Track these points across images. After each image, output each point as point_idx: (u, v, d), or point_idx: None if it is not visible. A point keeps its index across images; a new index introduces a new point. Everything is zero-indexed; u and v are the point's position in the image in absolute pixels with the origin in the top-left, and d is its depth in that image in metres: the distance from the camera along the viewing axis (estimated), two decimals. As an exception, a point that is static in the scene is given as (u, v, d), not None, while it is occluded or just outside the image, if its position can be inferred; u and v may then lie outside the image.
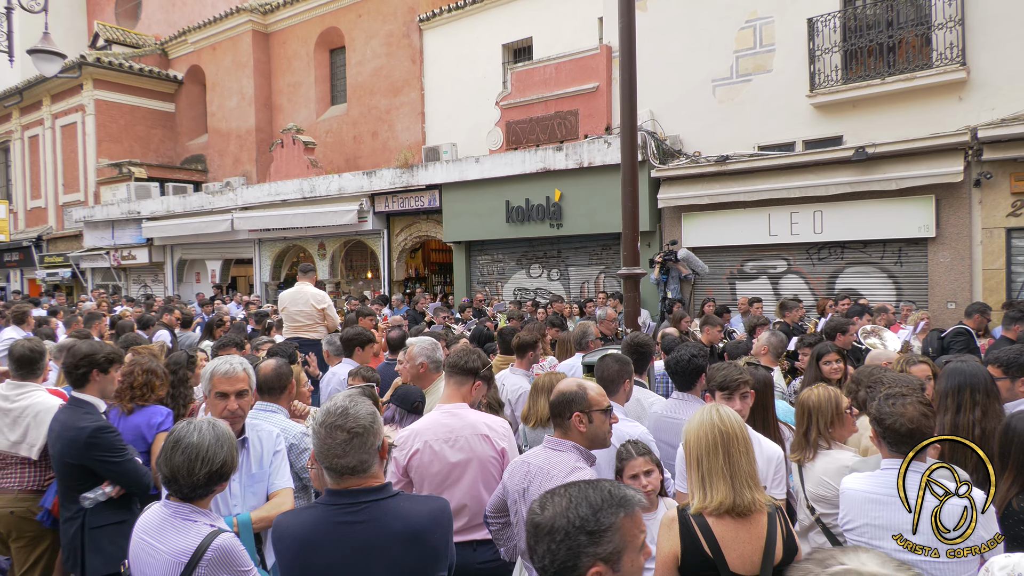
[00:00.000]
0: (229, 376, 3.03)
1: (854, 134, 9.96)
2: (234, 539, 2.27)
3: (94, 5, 26.42)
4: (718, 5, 11.17)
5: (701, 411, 2.53)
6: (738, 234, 10.91)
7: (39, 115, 23.15)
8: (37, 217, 24.05)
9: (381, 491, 2.11)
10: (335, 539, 2.04)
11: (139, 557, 2.26)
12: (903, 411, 2.46)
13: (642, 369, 4.42)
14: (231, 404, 3.01)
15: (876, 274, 10.04)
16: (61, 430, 3.29)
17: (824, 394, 3.21)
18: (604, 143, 11.52)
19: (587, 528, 1.48)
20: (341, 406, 2.11)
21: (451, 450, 3.11)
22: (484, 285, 14.19)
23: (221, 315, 9.31)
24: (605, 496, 1.55)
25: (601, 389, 2.78)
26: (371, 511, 2.06)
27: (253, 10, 19.84)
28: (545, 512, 1.54)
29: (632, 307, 6.18)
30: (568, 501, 1.54)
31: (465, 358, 3.35)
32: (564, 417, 2.68)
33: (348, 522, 2.05)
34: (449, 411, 3.24)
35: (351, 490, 2.08)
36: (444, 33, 16.50)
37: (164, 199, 19.32)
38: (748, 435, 2.51)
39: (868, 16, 9.91)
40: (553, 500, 1.56)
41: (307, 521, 2.08)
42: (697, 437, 2.44)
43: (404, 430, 3.28)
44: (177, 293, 19.30)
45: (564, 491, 1.59)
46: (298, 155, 17.35)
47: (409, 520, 2.10)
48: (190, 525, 2.22)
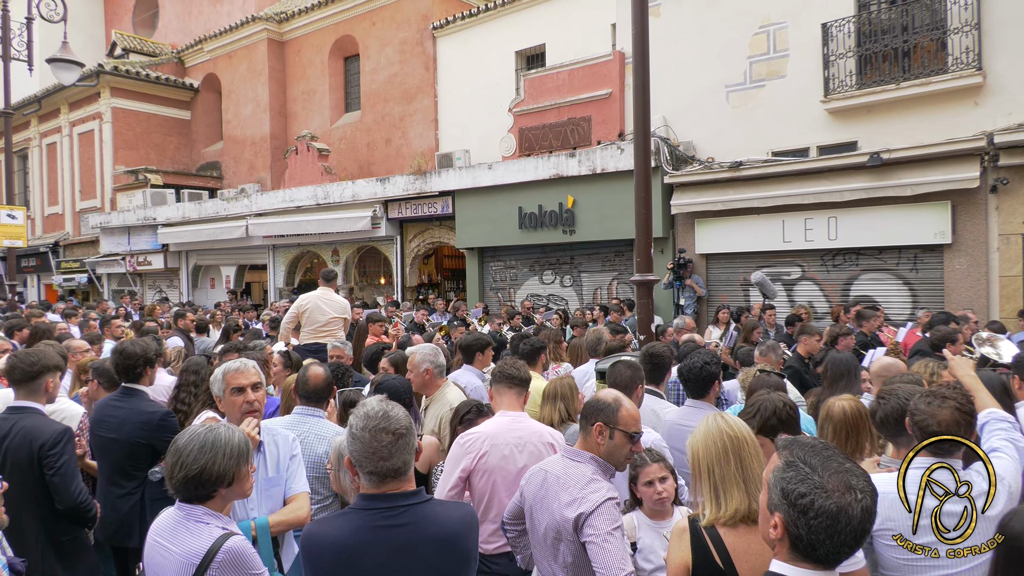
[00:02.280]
0: (241, 371, 3.08)
1: (869, 139, 9.90)
2: (245, 542, 2.28)
3: (112, 15, 26.78)
4: (731, 11, 11.16)
5: (705, 421, 2.49)
6: (752, 240, 10.86)
7: (57, 123, 23.46)
8: (54, 223, 24.35)
9: (417, 495, 2.13)
10: (376, 543, 2.04)
11: (153, 559, 2.28)
12: (935, 412, 2.42)
13: (659, 380, 4.34)
14: (249, 395, 3.04)
15: (891, 281, 9.96)
16: (128, 415, 3.78)
17: (854, 405, 3.15)
18: (617, 149, 11.51)
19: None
20: (379, 409, 2.14)
21: (520, 455, 3.13)
22: (497, 291, 14.20)
23: (237, 320, 9.38)
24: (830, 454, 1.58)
25: (636, 413, 2.70)
26: (409, 515, 2.08)
27: (268, 19, 20.04)
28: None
29: (645, 314, 6.16)
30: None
31: (519, 368, 3.41)
32: (589, 422, 2.65)
33: (388, 526, 2.05)
34: (514, 417, 3.28)
35: (389, 494, 2.09)
36: (457, 40, 16.58)
37: (180, 205, 19.51)
38: (756, 440, 2.48)
39: (883, 21, 9.86)
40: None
41: (346, 528, 2.08)
42: (706, 446, 2.40)
43: (471, 433, 3.25)
44: (191, 299, 19.47)
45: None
46: (312, 162, 17.47)
47: (445, 524, 2.12)
48: (202, 527, 2.24)
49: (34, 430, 3.31)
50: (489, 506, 3.16)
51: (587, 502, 2.46)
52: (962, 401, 2.47)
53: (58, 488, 3.28)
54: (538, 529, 2.65)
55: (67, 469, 3.30)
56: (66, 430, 3.39)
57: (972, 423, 2.48)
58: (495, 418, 3.34)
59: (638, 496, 3.02)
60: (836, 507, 1.49)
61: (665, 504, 2.97)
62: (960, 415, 2.43)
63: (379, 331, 8.02)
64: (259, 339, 7.25)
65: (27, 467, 3.25)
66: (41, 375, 3.51)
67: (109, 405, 3.88)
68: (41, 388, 3.53)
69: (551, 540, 2.57)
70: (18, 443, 3.29)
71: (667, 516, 2.98)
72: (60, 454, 3.28)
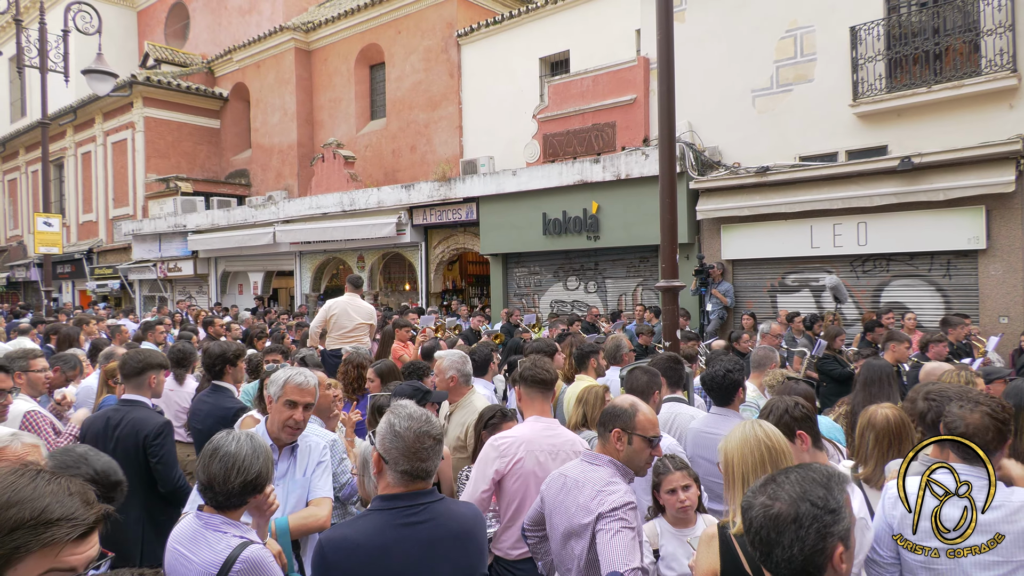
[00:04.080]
0: (302, 387, 3.06)
1: (899, 144, 9.74)
2: (263, 550, 2.28)
3: (145, 27, 27.37)
4: (757, 15, 11.06)
5: (742, 428, 2.45)
6: (779, 246, 10.73)
7: (92, 132, 24.01)
8: (89, 230, 24.90)
9: (434, 494, 2.20)
10: (401, 541, 2.09)
11: (173, 567, 2.28)
12: (965, 415, 2.40)
13: (677, 383, 4.33)
14: (297, 415, 3.03)
15: (923, 287, 9.76)
16: (212, 409, 4.28)
17: (896, 413, 3.08)
18: (642, 155, 11.46)
19: (830, 507, 1.46)
20: (421, 412, 2.21)
21: (553, 463, 3.08)
22: (521, 297, 14.19)
23: (262, 327, 9.49)
24: (824, 474, 1.52)
25: (653, 417, 2.69)
26: (429, 511, 2.14)
27: (296, 28, 20.32)
28: (779, 502, 1.49)
29: (670, 320, 6.11)
30: (799, 486, 1.49)
31: (544, 372, 3.36)
32: (606, 429, 2.65)
33: (411, 523, 2.11)
34: (547, 424, 3.25)
35: (410, 493, 2.15)
36: (482, 47, 16.66)
37: (209, 213, 19.83)
38: (791, 450, 2.45)
39: (913, 23, 9.70)
40: (781, 488, 1.51)
41: (370, 528, 2.11)
42: (742, 455, 2.37)
43: (506, 436, 3.23)
44: (219, 302, 19.74)
45: (783, 478, 1.53)
46: (338, 169, 17.65)
47: (461, 520, 2.20)
48: (220, 536, 2.24)
49: (140, 421, 3.68)
50: (519, 511, 3.13)
51: (605, 504, 2.46)
52: (996, 409, 2.43)
53: (161, 474, 3.62)
54: (557, 533, 2.65)
55: (169, 457, 3.66)
56: (167, 423, 3.76)
57: (1004, 432, 2.43)
58: (528, 423, 3.30)
59: (661, 503, 2.99)
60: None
61: (688, 512, 2.94)
62: (991, 421, 2.40)
63: (405, 337, 8.06)
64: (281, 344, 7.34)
65: (133, 454, 3.56)
66: (145, 372, 3.91)
67: (200, 400, 4.49)
68: (146, 383, 3.91)
69: (570, 543, 2.57)
70: (127, 432, 3.65)
71: (690, 524, 2.95)
72: (162, 444, 3.64)
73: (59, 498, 1.34)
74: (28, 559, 1.29)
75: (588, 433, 3.84)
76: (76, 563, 1.34)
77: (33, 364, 4.36)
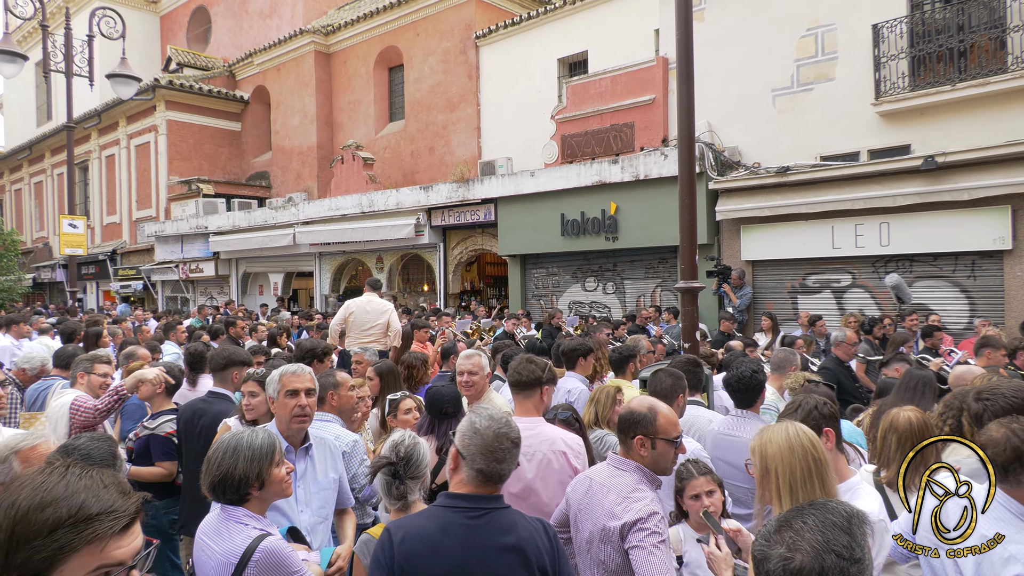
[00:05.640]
0: (297, 374, 3.11)
1: (922, 143, 9.60)
2: (280, 541, 2.35)
3: (168, 31, 27.75)
4: (777, 14, 10.97)
5: (784, 433, 2.34)
6: (800, 247, 10.63)
7: (115, 136, 24.38)
8: (113, 232, 25.28)
9: (498, 500, 2.19)
10: (458, 542, 2.09)
11: (199, 556, 2.38)
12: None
13: (695, 387, 4.30)
14: (301, 400, 3.05)
15: (947, 288, 9.62)
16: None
17: (919, 416, 3.04)
18: (660, 155, 11.41)
19: (855, 556, 1.37)
20: (502, 414, 2.22)
21: (528, 464, 3.08)
22: (539, 299, 14.19)
23: (284, 327, 9.57)
24: (844, 516, 1.42)
25: (674, 417, 2.66)
26: (488, 518, 2.13)
27: (316, 31, 20.48)
28: (799, 553, 1.37)
29: (689, 321, 6.08)
30: (820, 534, 1.38)
31: (524, 371, 3.34)
32: (628, 436, 2.63)
33: (469, 525, 2.11)
34: (528, 424, 3.21)
35: (474, 495, 2.15)
36: (500, 49, 16.68)
37: (230, 214, 20.04)
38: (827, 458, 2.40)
39: (937, 21, 9.56)
40: (801, 536, 1.39)
41: (435, 523, 2.14)
42: (790, 467, 2.27)
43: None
44: (242, 303, 19.94)
45: (801, 524, 1.42)
46: (357, 171, 17.76)
47: (518, 533, 2.15)
48: (241, 528, 2.32)
49: (223, 413, 3.98)
50: None
51: (631, 511, 2.44)
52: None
53: None
54: (582, 536, 2.64)
55: None
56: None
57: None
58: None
59: (684, 509, 2.96)
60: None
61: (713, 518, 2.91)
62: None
63: (424, 338, 8.10)
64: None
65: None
66: (228, 367, 4.29)
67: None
68: (229, 378, 4.28)
69: (595, 547, 2.56)
70: (209, 422, 3.98)
71: None
72: None
73: (95, 492, 1.29)
74: (73, 559, 1.24)
75: (599, 432, 3.82)
76: (123, 556, 1.30)
77: (96, 368, 4.58)
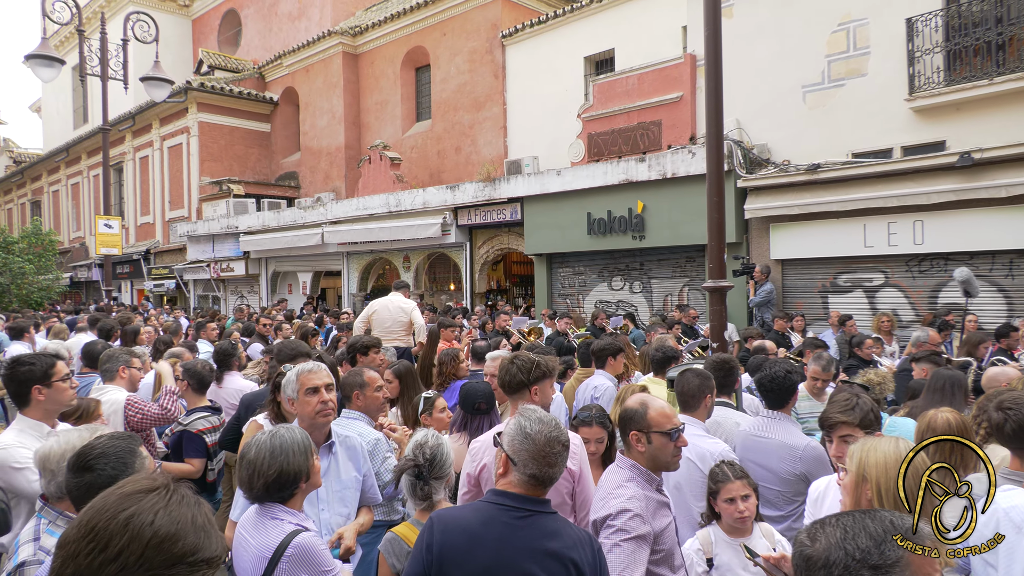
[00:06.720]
0: (314, 371, 3.14)
1: (958, 139, 9.39)
2: (314, 538, 2.40)
3: (199, 34, 28.22)
4: (808, 9, 10.81)
5: (895, 448, 2.20)
6: (831, 245, 10.46)
7: (149, 137, 24.87)
8: (146, 232, 25.80)
9: (545, 504, 2.17)
10: (497, 540, 2.09)
11: (237, 550, 2.45)
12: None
13: (729, 388, 4.26)
14: (323, 395, 3.08)
15: (984, 288, 9.39)
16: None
17: (958, 418, 2.97)
18: (688, 153, 11.32)
19: (870, 561, 1.33)
20: (550, 417, 2.22)
21: None
22: (565, 297, 14.16)
23: (309, 329, 9.66)
24: (886, 526, 1.38)
25: (668, 410, 2.65)
26: (530, 520, 2.12)
27: (343, 33, 20.67)
28: (817, 544, 1.38)
29: (717, 321, 6.02)
30: (843, 531, 1.38)
31: (508, 375, 3.35)
32: (624, 434, 2.67)
33: (514, 524, 2.11)
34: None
35: (521, 495, 2.14)
36: (526, 48, 16.67)
37: (260, 214, 20.31)
38: None
39: (974, 14, 9.34)
40: (825, 531, 1.40)
41: (479, 517, 2.14)
42: (893, 480, 2.15)
43: (476, 441, 3.29)
44: (273, 302, 20.20)
45: (836, 520, 1.42)
46: (385, 171, 17.89)
47: (558, 540, 2.12)
48: (277, 523, 2.38)
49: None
50: None
51: (606, 507, 2.51)
52: None
53: None
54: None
55: None
56: None
57: None
58: (500, 425, 3.29)
59: (717, 511, 2.94)
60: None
61: (746, 523, 2.89)
62: None
63: (451, 336, 8.13)
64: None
65: None
66: (295, 359, 4.39)
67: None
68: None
69: None
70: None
71: (747, 534, 2.90)
72: None
73: (208, 532, 1.30)
74: None
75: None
76: None
77: (134, 362, 4.72)
